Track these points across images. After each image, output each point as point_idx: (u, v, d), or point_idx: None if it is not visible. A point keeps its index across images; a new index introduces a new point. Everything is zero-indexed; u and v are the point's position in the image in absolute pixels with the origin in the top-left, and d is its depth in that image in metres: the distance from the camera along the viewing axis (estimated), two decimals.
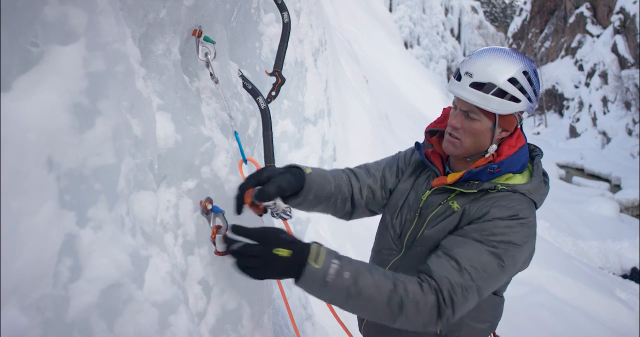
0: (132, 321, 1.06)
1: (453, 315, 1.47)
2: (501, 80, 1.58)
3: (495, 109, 1.61)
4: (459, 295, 1.46)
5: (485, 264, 1.51)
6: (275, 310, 2.32)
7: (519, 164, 1.70)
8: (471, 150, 1.70)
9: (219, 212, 1.54)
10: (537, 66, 1.76)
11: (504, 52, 1.65)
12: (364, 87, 9.73)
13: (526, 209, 1.62)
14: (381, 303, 1.42)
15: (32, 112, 0.86)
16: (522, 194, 1.65)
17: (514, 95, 1.60)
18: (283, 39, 2.21)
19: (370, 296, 1.41)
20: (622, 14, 34.42)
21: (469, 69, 1.63)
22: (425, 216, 1.76)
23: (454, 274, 1.48)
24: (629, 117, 31.28)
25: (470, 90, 1.61)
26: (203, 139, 1.57)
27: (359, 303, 1.42)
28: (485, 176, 1.67)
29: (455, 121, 1.68)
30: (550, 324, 5.93)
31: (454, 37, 52.06)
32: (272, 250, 1.35)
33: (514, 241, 1.55)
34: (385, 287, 1.42)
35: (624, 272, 11.93)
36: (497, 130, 1.66)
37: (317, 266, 1.36)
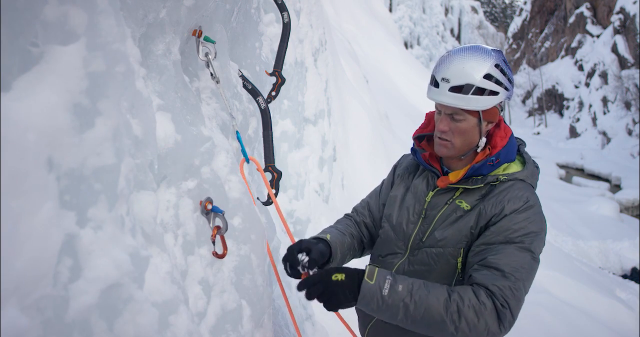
0: (132, 321, 1.06)
1: (512, 317, 1.52)
2: (477, 79, 1.64)
3: (478, 107, 1.67)
4: (511, 297, 1.52)
5: (522, 262, 1.58)
6: (275, 310, 2.32)
7: (513, 153, 1.78)
8: (463, 149, 1.75)
9: (218, 213, 1.54)
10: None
11: (472, 50, 1.70)
12: (364, 87, 9.73)
13: (532, 194, 1.71)
14: (439, 312, 1.48)
15: (32, 112, 0.86)
16: (522, 180, 1.73)
17: (492, 90, 1.66)
18: (283, 39, 2.21)
19: (427, 306, 1.49)
20: (622, 14, 34.42)
21: (445, 75, 1.68)
22: (431, 217, 1.79)
23: (499, 279, 1.54)
24: (629, 117, 31.27)
25: (450, 95, 1.67)
26: (203, 139, 1.57)
27: (418, 315, 1.49)
28: (486, 169, 1.73)
29: (443, 125, 1.73)
30: (550, 324, 5.93)
31: (454, 37, 52.06)
32: (330, 276, 1.53)
33: (534, 230, 1.63)
34: (441, 297, 1.50)
35: (624, 272, 11.92)
36: (483, 124, 1.73)
37: (371, 282, 1.51)
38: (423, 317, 1.50)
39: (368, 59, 15.44)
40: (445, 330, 1.50)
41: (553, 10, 45.33)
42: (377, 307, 1.51)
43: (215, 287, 1.55)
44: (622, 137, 30.74)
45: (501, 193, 1.70)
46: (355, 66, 10.25)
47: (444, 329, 1.50)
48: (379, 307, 1.51)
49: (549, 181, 22.08)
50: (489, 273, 1.56)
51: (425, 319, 1.50)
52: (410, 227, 1.82)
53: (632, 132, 30.52)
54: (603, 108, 33.79)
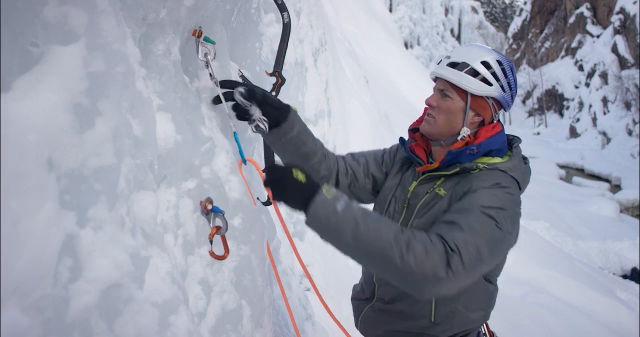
0: (132, 321, 1.06)
1: (463, 266, 1.45)
2: (474, 62, 1.72)
3: (466, 86, 1.71)
4: (463, 246, 1.47)
5: (483, 224, 1.54)
6: (275, 310, 2.32)
7: (497, 144, 1.76)
8: (444, 129, 1.77)
9: (219, 213, 1.54)
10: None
11: (485, 46, 1.82)
12: (364, 87, 9.73)
13: (507, 180, 1.68)
14: (388, 239, 1.43)
15: (32, 113, 0.86)
16: (502, 171, 1.72)
17: (486, 77, 1.72)
18: (283, 39, 2.20)
19: (377, 229, 1.44)
20: (622, 14, 34.41)
21: (449, 53, 1.80)
22: (413, 205, 1.81)
23: (456, 231, 1.51)
24: (629, 118, 31.25)
25: (446, 68, 1.76)
26: (203, 139, 1.57)
27: (366, 237, 1.44)
28: (465, 158, 1.74)
29: (432, 99, 1.80)
30: (550, 324, 5.93)
31: (454, 37, 52.06)
32: (292, 171, 1.54)
33: (502, 206, 1.59)
34: (393, 226, 1.48)
35: (624, 272, 11.91)
36: (470, 112, 1.74)
37: (328, 196, 1.49)
38: (371, 241, 1.44)
39: (368, 59, 15.44)
40: (391, 259, 1.44)
41: (553, 10, 45.33)
42: (326, 220, 1.47)
43: (215, 287, 1.55)
44: (622, 137, 30.72)
45: (473, 177, 1.70)
46: (355, 66, 10.25)
47: (389, 258, 1.44)
48: (328, 221, 1.46)
49: (549, 181, 22.08)
50: (445, 226, 1.54)
51: (373, 243, 1.44)
52: (396, 217, 1.86)
53: (632, 132, 30.50)
54: (603, 108, 33.77)
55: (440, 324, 1.76)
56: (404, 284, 1.51)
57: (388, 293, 1.87)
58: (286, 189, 1.53)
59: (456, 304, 1.74)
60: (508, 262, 1.86)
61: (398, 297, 1.83)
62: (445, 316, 1.75)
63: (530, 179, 1.86)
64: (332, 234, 1.49)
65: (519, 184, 1.74)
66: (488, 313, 1.87)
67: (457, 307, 1.74)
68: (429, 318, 1.76)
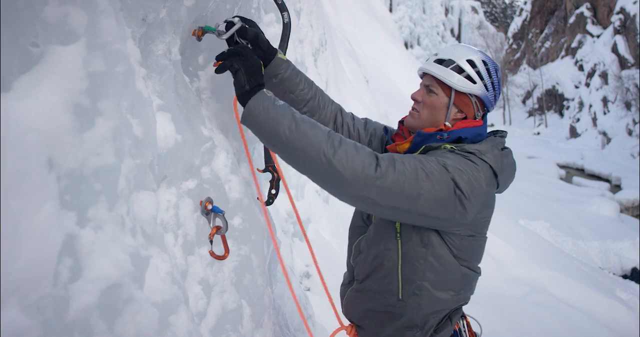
0: (132, 321, 1.06)
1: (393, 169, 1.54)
2: (460, 60, 1.78)
3: (451, 82, 1.76)
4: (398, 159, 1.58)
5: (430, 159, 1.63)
6: (275, 310, 2.32)
7: (468, 133, 1.78)
8: (427, 124, 1.82)
9: (219, 213, 1.54)
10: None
11: (472, 46, 1.88)
12: (364, 87, 9.73)
13: (475, 159, 1.69)
14: (323, 134, 1.53)
15: (33, 113, 0.86)
16: (471, 153, 1.72)
17: (470, 75, 1.77)
18: (283, 39, 2.20)
19: (314, 126, 1.55)
20: (622, 14, 34.41)
21: (437, 51, 1.87)
22: None
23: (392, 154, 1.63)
24: (629, 118, 31.24)
25: (433, 64, 1.82)
26: (203, 139, 1.57)
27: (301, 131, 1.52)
28: (433, 141, 1.76)
29: (417, 94, 1.86)
30: (550, 324, 5.94)
31: (454, 37, 52.08)
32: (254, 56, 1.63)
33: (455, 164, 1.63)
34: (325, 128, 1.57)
35: (624, 272, 11.91)
36: (453, 109, 1.79)
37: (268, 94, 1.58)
38: (306, 136, 1.52)
39: (368, 59, 15.45)
40: (324, 153, 1.51)
41: (553, 10, 45.33)
42: (265, 111, 1.54)
43: (215, 287, 1.55)
44: (622, 137, 30.72)
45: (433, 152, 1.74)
46: (355, 66, 10.25)
47: (322, 152, 1.52)
48: (267, 112, 1.54)
49: (549, 181, 22.09)
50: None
51: (307, 137, 1.52)
52: None
53: (632, 132, 30.50)
54: (603, 108, 33.77)
55: (408, 302, 1.78)
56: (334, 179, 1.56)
57: (361, 272, 1.91)
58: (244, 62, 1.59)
59: (422, 282, 1.76)
60: (508, 262, 1.86)
61: (368, 275, 1.87)
62: (411, 292, 1.78)
63: (514, 173, 1.86)
64: (267, 125, 1.55)
65: (493, 170, 1.73)
66: (461, 296, 1.86)
67: (423, 284, 1.76)
68: (396, 295, 1.79)
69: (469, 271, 1.83)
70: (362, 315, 1.92)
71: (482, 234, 1.81)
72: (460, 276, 1.81)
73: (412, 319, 1.80)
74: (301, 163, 1.57)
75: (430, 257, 1.74)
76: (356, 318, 1.96)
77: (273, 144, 1.58)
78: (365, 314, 1.91)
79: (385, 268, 1.81)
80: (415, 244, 1.73)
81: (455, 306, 1.87)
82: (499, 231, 8.00)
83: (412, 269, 1.76)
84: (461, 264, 1.78)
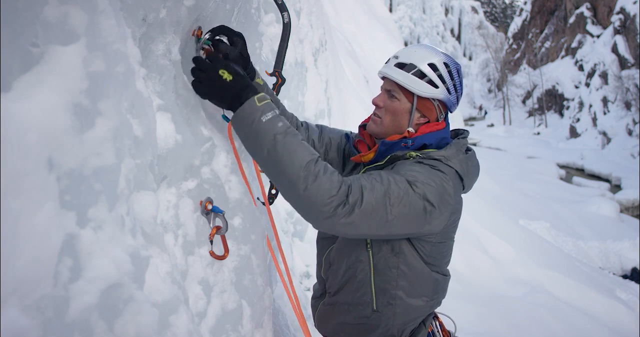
0: (132, 321, 1.06)
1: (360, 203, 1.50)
2: (422, 64, 1.74)
3: (413, 88, 1.73)
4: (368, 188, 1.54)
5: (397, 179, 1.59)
6: (275, 310, 2.32)
7: (432, 139, 1.77)
8: (389, 130, 1.79)
9: (219, 213, 1.54)
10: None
11: (433, 47, 1.83)
12: (364, 87, 9.73)
13: (441, 166, 1.68)
14: (300, 165, 1.48)
15: (33, 113, 0.86)
16: (437, 160, 1.71)
17: (432, 80, 1.73)
18: (283, 39, 2.20)
19: (293, 152, 1.48)
20: (622, 14, 34.40)
21: (397, 54, 1.80)
22: None
23: (365, 178, 1.59)
24: (629, 118, 31.23)
25: (394, 69, 1.77)
26: (203, 139, 1.58)
27: (281, 156, 1.48)
28: (398, 149, 1.75)
29: (378, 99, 1.82)
30: (550, 324, 5.93)
31: (454, 37, 52.11)
32: (218, 71, 1.51)
33: (422, 177, 1.61)
34: (312, 154, 1.51)
35: (624, 272, 11.91)
36: (416, 113, 1.77)
37: (258, 104, 1.50)
38: (284, 161, 1.48)
39: (368, 59, 15.44)
40: (296, 185, 1.49)
41: (553, 10, 45.32)
42: (248, 126, 1.50)
43: (215, 287, 1.55)
44: (622, 137, 30.72)
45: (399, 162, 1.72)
46: (355, 66, 10.25)
47: (295, 184, 1.49)
48: (250, 129, 1.50)
49: (549, 181, 22.08)
50: (358, 175, 1.61)
51: (285, 164, 1.48)
52: None
53: (632, 132, 30.50)
54: (603, 108, 33.77)
55: (383, 312, 1.78)
56: (303, 211, 1.55)
57: (333, 285, 1.89)
58: (211, 86, 1.52)
59: (396, 291, 1.75)
60: (508, 262, 1.87)
61: (340, 287, 1.86)
62: (386, 303, 1.77)
63: (478, 171, 1.85)
64: (250, 142, 1.53)
65: (459, 174, 1.74)
66: (435, 301, 1.86)
67: (397, 293, 1.76)
68: (370, 306, 1.79)
69: (439, 275, 1.83)
70: (335, 328, 1.90)
71: (451, 238, 1.82)
72: (432, 282, 1.81)
73: (388, 330, 1.79)
74: (277, 185, 1.57)
75: (402, 265, 1.73)
76: (329, 332, 1.94)
77: (255, 158, 1.58)
78: (338, 327, 1.88)
79: (358, 280, 1.79)
80: (387, 253, 1.73)
81: (430, 311, 1.87)
82: (499, 231, 8.00)
83: (385, 278, 1.75)
84: (432, 269, 1.79)
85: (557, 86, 40.61)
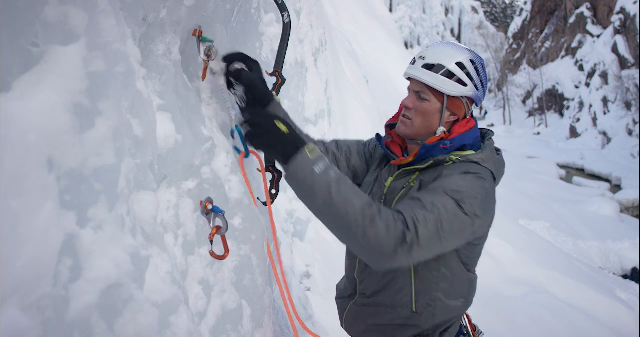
0: (132, 321, 1.06)
1: (418, 243, 1.49)
2: (450, 64, 1.74)
3: (443, 89, 1.73)
4: (422, 225, 1.50)
5: (445, 203, 1.57)
6: (275, 310, 2.32)
7: (470, 139, 1.79)
8: (421, 131, 1.80)
9: (219, 213, 1.54)
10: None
11: (456, 44, 1.83)
12: (364, 87, 9.73)
13: (480, 169, 1.71)
14: (355, 211, 1.47)
15: (33, 113, 0.86)
16: (475, 163, 1.74)
17: (461, 79, 1.74)
18: (283, 39, 2.20)
19: (348, 200, 1.47)
20: (622, 14, 34.39)
21: (423, 54, 1.80)
22: (390, 201, 1.83)
23: (416, 208, 1.55)
24: (629, 118, 31.22)
25: (422, 71, 1.76)
26: (203, 139, 1.58)
27: (336, 205, 1.47)
28: (438, 151, 1.76)
29: (408, 101, 1.81)
30: (550, 324, 5.93)
31: (455, 37, 52.10)
32: (274, 121, 1.53)
33: (469, 190, 1.61)
34: (364, 198, 1.50)
35: (624, 272, 11.91)
36: (446, 112, 1.77)
37: (310, 156, 1.50)
38: (340, 210, 1.48)
39: (368, 59, 15.44)
40: (354, 232, 1.49)
41: (553, 10, 45.31)
42: (303, 180, 1.50)
43: (215, 287, 1.55)
44: (622, 137, 30.71)
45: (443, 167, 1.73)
46: (355, 66, 10.25)
47: (353, 231, 1.49)
48: (304, 181, 1.50)
49: (549, 181, 22.07)
50: (410, 203, 1.58)
51: (341, 212, 1.48)
52: None
53: (632, 132, 30.48)
54: (603, 108, 33.76)
55: (422, 314, 1.79)
56: (363, 255, 1.56)
57: (369, 287, 1.90)
58: (268, 138, 1.53)
59: (436, 293, 1.77)
60: (508, 262, 1.89)
61: (379, 290, 1.86)
62: (426, 305, 1.78)
63: (505, 171, 1.89)
64: (306, 194, 1.53)
65: (494, 175, 1.77)
66: (469, 301, 1.89)
67: (437, 295, 1.77)
68: (410, 308, 1.79)
69: (473, 275, 1.88)
70: (369, 328, 1.91)
71: (486, 237, 1.85)
72: (468, 282, 1.85)
73: (424, 329, 1.81)
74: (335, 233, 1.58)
75: (443, 268, 1.76)
76: (359, 332, 1.95)
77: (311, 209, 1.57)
78: (373, 327, 1.89)
79: (398, 283, 1.80)
80: None
81: (465, 311, 1.90)
82: (499, 231, 8.00)
83: (426, 281, 1.77)
84: (468, 269, 1.82)
85: (557, 86, 40.60)
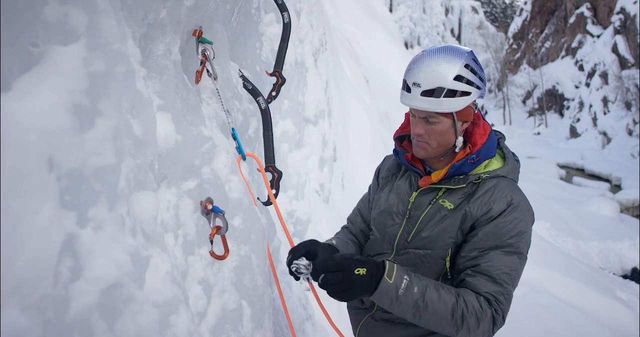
0: (132, 321, 1.06)
1: (503, 320, 1.63)
2: (448, 82, 1.64)
3: (451, 109, 1.67)
4: (504, 302, 1.63)
5: (511, 265, 1.66)
6: (275, 310, 2.32)
7: (493, 150, 1.80)
8: (440, 150, 1.77)
9: (219, 213, 1.54)
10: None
11: (441, 52, 1.69)
12: (364, 87, 9.73)
13: (515, 191, 1.75)
14: (445, 316, 1.57)
15: (33, 113, 0.86)
16: (504, 177, 1.77)
17: (464, 91, 1.66)
18: (283, 39, 2.20)
19: (435, 309, 1.57)
20: (622, 14, 34.39)
21: (416, 79, 1.67)
22: (416, 217, 1.80)
23: (492, 286, 1.63)
24: (629, 118, 31.23)
25: (422, 99, 1.66)
26: (203, 139, 1.57)
27: (426, 316, 1.58)
28: (467, 167, 1.75)
29: (418, 129, 1.74)
30: (550, 324, 5.93)
31: (455, 37, 52.11)
32: (353, 271, 1.53)
33: (522, 230, 1.70)
34: (449, 302, 1.58)
35: (624, 272, 11.92)
36: (458, 124, 1.74)
37: (390, 281, 1.55)
38: (430, 319, 1.58)
39: (368, 59, 15.44)
40: (448, 330, 1.60)
41: (553, 10, 45.31)
42: (390, 303, 1.57)
43: (215, 287, 1.55)
44: (622, 137, 30.71)
45: (485, 194, 1.72)
46: (355, 66, 10.25)
47: (446, 330, 1.60)
48: (392, 304, 1.57)
49: (549, 181, 22.08)
50: (482, 281, 1.64)
51: (432, 320, 1.59)
52: (395, 228, 1.85)
53: (632, 132, 30.49)
54: (603, 108, 33.76)
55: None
56: None
57: None
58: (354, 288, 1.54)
59: None
60: None
61: None
62: None
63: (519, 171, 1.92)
64: (396, 311, 1.60)
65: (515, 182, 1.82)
66: None
67: None
68: None
69: None
70: None
71: None
72: None
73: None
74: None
75: None
76: None
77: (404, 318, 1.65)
78: None
79: None
80: None
81: None
82: None
83: None
84: None
85: (557, 86, 40.60)
